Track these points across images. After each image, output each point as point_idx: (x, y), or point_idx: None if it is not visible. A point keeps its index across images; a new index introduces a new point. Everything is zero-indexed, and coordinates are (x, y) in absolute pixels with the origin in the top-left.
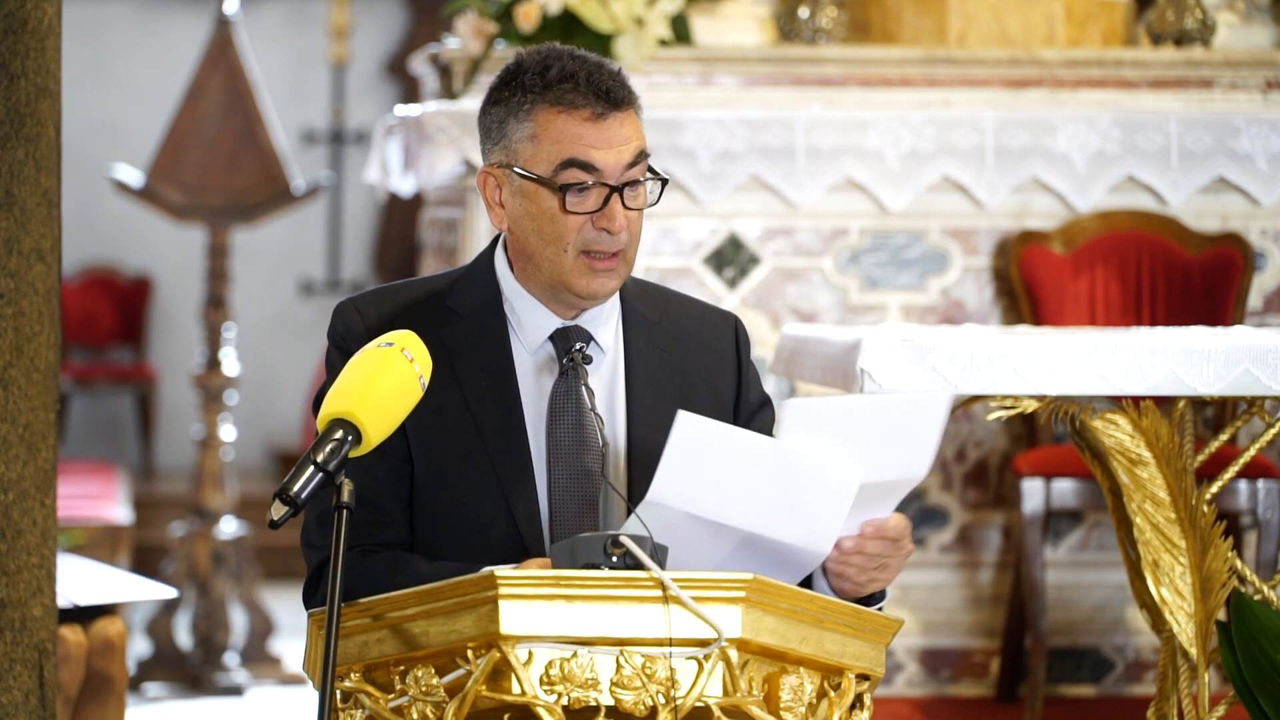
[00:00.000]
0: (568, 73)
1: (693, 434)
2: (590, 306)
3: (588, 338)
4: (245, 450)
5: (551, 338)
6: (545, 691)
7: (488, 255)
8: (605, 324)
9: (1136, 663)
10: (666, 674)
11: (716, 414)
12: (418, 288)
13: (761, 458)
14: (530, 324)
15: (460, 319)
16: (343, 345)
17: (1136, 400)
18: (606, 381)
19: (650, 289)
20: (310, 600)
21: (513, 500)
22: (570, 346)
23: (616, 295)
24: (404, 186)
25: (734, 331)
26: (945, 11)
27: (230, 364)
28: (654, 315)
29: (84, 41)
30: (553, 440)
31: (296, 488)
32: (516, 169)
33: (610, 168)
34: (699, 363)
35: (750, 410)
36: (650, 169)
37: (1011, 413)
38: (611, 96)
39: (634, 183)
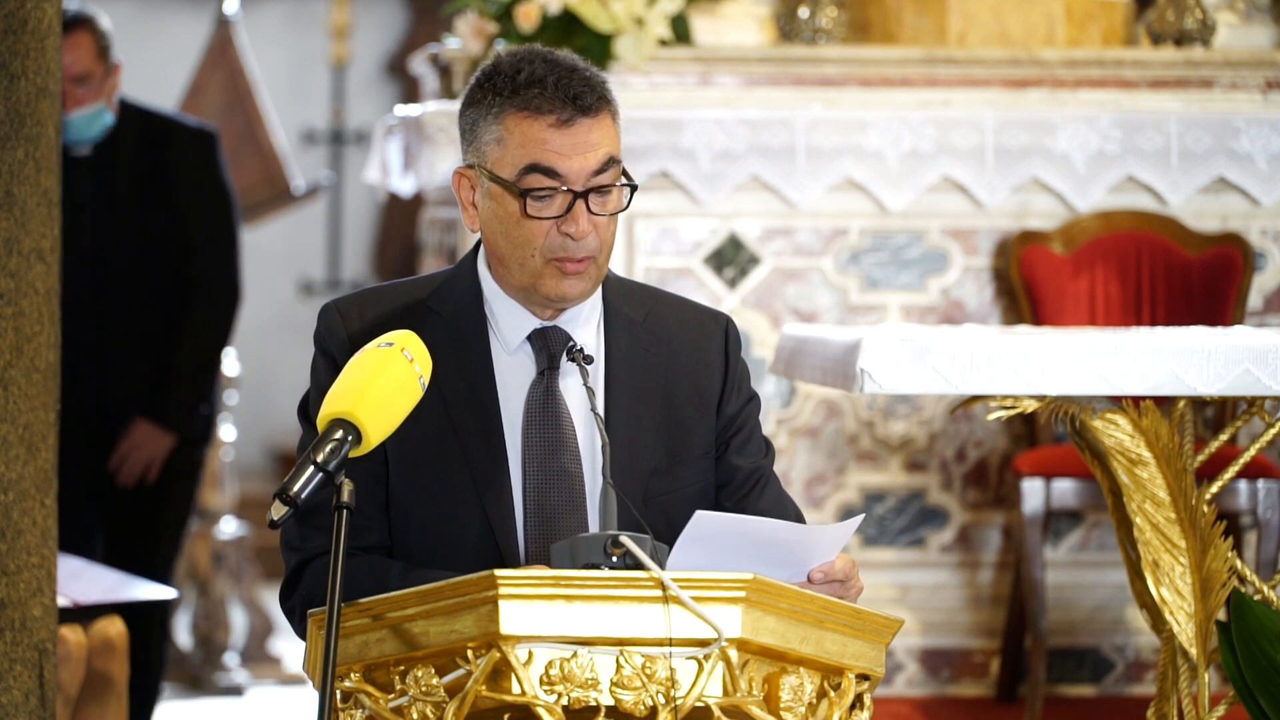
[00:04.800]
0: (536, 77)
1: (705, 526)
2: (564, 307)
3: (566, 338)
4: (245, 450)
5: (530, 339)
6: (545, 691)
7: (471, 256)
8: (585, 325)
9: (1136, 663)
10: (666, 674)
11: (699, 413)
12: (404, 289)
13: (768, 535)
14: (508, 324)
15: (441, 320)
16: (324, 347)
17: (1136, 400)
18: (589, 381)
19: (636, 289)
20: (287, 601)
21: (488, 502)
22: (549, 347)
23: (598, 295)
24: (404, 186)
25: (724, 332)
26: (945, 11)
27: (230, 364)
28: (638, 315)
29: None
30: (529, 442)
31: (296, 488)
32: (485, 171)
33: (574, 174)
34: (684, 363)
35: (734, 410)
36: (625, 173)
37: (1011, 413)
38: (580, 102)
39: (602, 188)
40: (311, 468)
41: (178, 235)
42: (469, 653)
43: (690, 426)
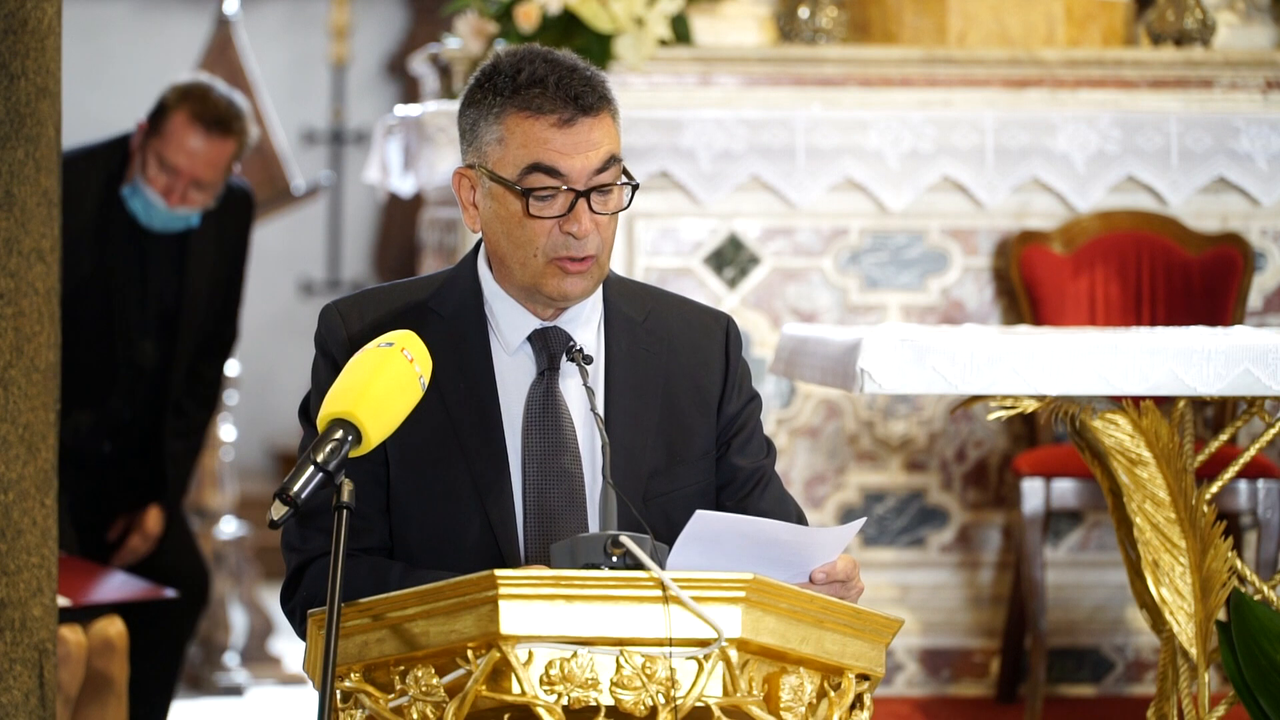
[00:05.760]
0: (538, 77)
1: (706, 526)
2: (566, 306)
3: (566, 339)
4: (245, 450)
5: (530, 339)
6: (545, 691)
7: (471, 256)
8: (586, 325)
9: (1136, 663)
10: (666, 674)
11: (699, 414)
12: (404, 290)
13: (769, 536)
14: (508, 325)
15: (441, 320)
16: (324, 348)
17: (1136, 400)
18: (589, 381)
19: (637, 288)
20: (288, 602)
21: (488, 503)
22: (549, 348)
23: (599, 295)
24: (404, 186)
25: (724, 331)
26: (945, 11)
27: (230, 364)
28: (638, 315)
29: (84, 41)
30: (529, 442)
31: (296, 487)
32: (485, 171)
33: (576, 173)
34: (684, 362)
35: (734, 410)
36: (625, 172)
37: (1011, 413)
38: (581, 101)
39: (604, 187)
40: (311, 468)
41: (215, 297)
42: (469, 653)
43: (690, 426)
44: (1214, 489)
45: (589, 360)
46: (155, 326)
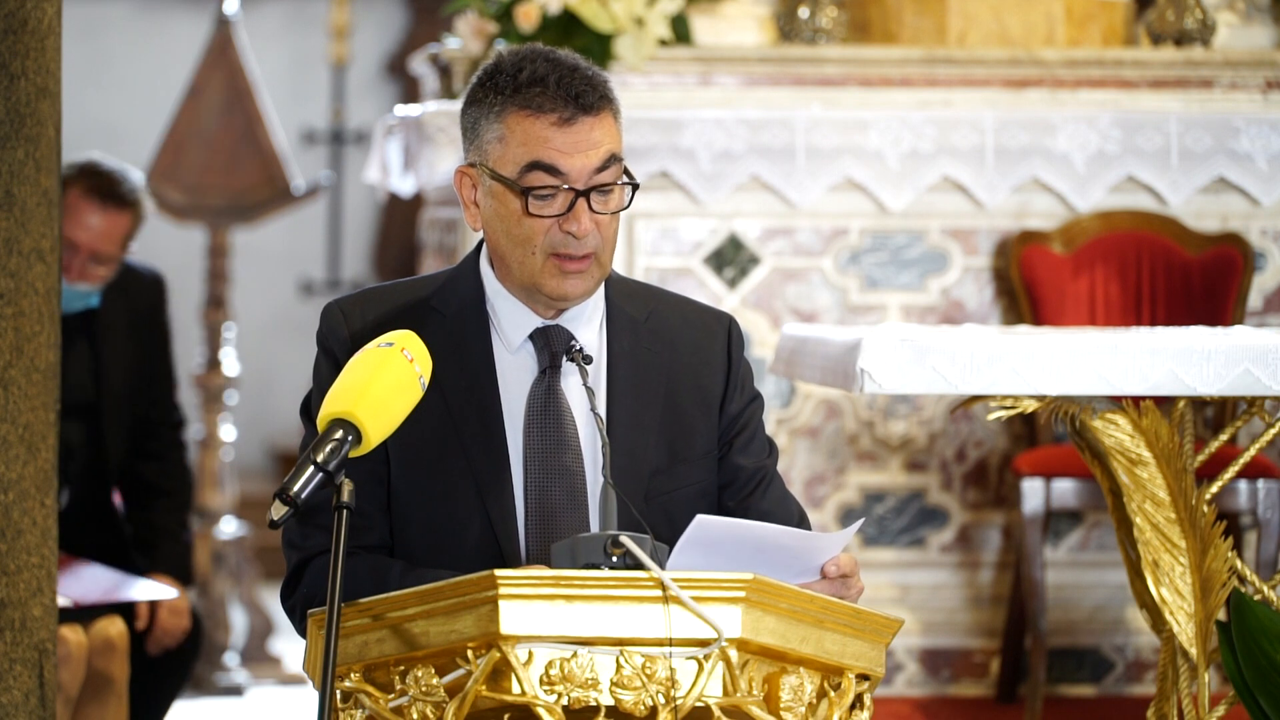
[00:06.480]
0: (539, 76)
1: (705, 530)
2: (565, 307)
3: (568, 337)
4: (245, 450)
5: (531, 337)
6: (545, 691)
7: (473, 255)
8: (588, 324)
9: (1136, 663)
10: (666, 674)
11: (701, 413)
12: (405, 288)
13: (768, 540)
14: (510, 323)
15: (443, 319)
16: (326, 346)
17: (1136, 400)
18: (589, 381)
19: (640, 288)
20: (288, 599)
21: (489, 501)
22: (550, 346)
23: (601, 294)
24: (404, 186)
25: (726, 331)
26: (945, 11)
27: (230, 364)
28: (640, 315)
29: (84, 41)
30: (530, 440)
31: (296, 487)
32: (486, 169)
33: (576, 172)
34: (686, 362)
35: (736, 410)
36: (626, 171)
37: (1011, 413)
38: (582, 100)
39: (604, 187)
40: (311, 468)
41: (136, 379)
42: (469, 653)
43: (692, 426)
44: (1214, 489)
45: (588, 360)
46: (76, 407)
